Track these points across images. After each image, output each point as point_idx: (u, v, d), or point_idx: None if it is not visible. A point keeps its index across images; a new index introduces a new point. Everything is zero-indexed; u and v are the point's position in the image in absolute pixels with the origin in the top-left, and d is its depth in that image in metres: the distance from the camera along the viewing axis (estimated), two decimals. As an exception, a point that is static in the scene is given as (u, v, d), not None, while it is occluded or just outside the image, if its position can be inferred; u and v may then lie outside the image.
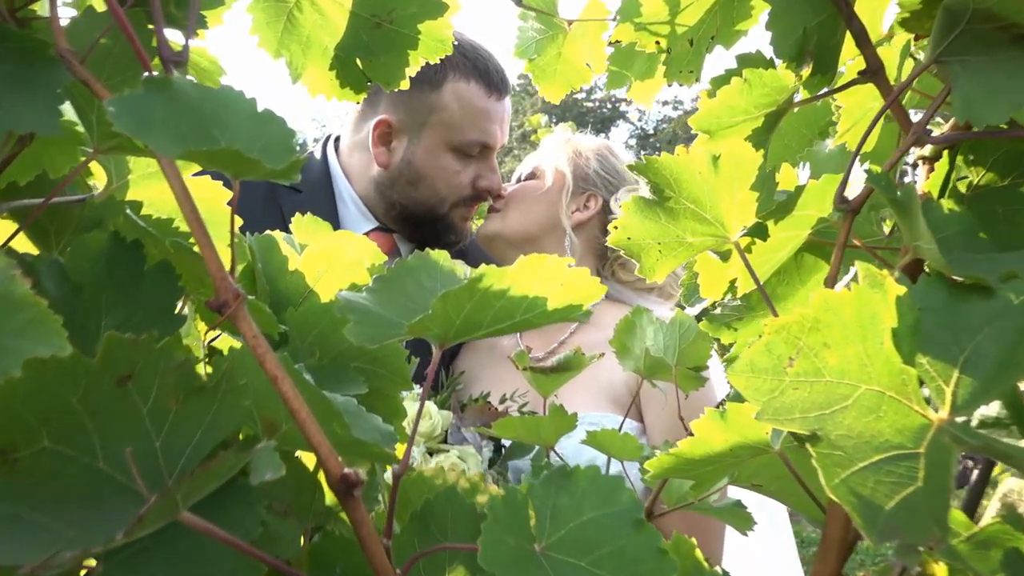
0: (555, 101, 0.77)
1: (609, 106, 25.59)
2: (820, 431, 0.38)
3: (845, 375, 0.39)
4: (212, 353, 0.62)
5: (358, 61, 0.60)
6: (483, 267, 0.42)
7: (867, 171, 0.48)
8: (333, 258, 0.63)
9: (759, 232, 0.56)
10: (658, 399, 1.09)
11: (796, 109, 0.62)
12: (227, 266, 0.65)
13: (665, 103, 26.65)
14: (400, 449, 0.64)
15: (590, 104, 25.34)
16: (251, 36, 0.61)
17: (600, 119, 24.21)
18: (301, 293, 0.61)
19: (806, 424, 0.39)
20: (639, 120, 27.31)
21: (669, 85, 0.64)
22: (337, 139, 1.60)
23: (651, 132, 25.96)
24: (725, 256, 0.58)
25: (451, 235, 1.51)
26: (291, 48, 0.60)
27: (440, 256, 0.43)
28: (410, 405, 0.72)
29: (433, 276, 0.42)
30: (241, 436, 0.40)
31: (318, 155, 1.59)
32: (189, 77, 0.38)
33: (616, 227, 0.56)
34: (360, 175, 1.51)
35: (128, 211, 0.49)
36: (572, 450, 1.08)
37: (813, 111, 0.76)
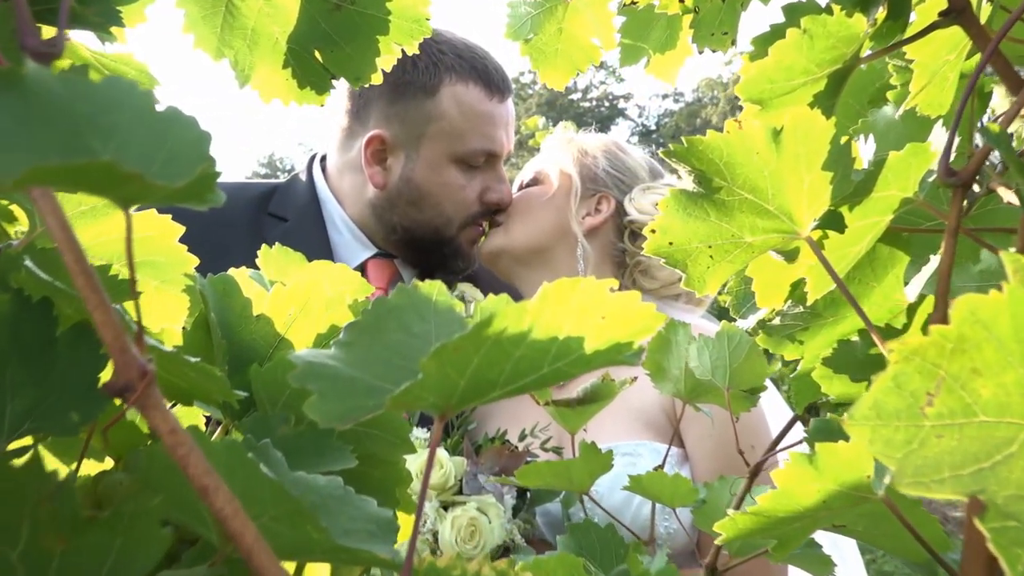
0: (559, 87, 0.67)
1: (607, 104, 25.55)
2: (983, 493, 0.28)
3: (1005, 411, 0.28)
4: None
5: (317, 54, 0.51)
6: (493, 301, 0.32)
7: (982, 130, 0.38)
8: (308, 296, 0.53)
9: (834, 223, 0.46)
10: (701, 423, 0.99)
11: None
12: (180, 320, 0.56)
13: (665, 96, 26.58)
14: (406, 525, 0.54)
15: (587, 104, 25.31)
16: (185, 35, 0.52)
17: (598, 118, 24.13)
18: (270, 343, 0.52)
19: (960, 485, 0.29)
20: (639, 116, 27.26)
21: (700, 52, 0.54)
22: (323, 158, 1.50)
23: (653, 128, 25.86)
24: (791, 256, 0.48)
25: (459, 261, 1.40)
26: (234, 45, 0.50)
27: (433, 289, 0.33)
28: (414, 459, 0.63)
29: (424, 317, 0.32)
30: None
31: (303, 178, 1.49)
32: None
33: (653, 231, 0.46)
34: (354, 198, 1.40)
35: (28, 262, 0.39)
36: (607, 485, 0.97)
37: (864, 74, 0.66)
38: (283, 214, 1.40)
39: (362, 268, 1.41)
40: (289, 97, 0.52)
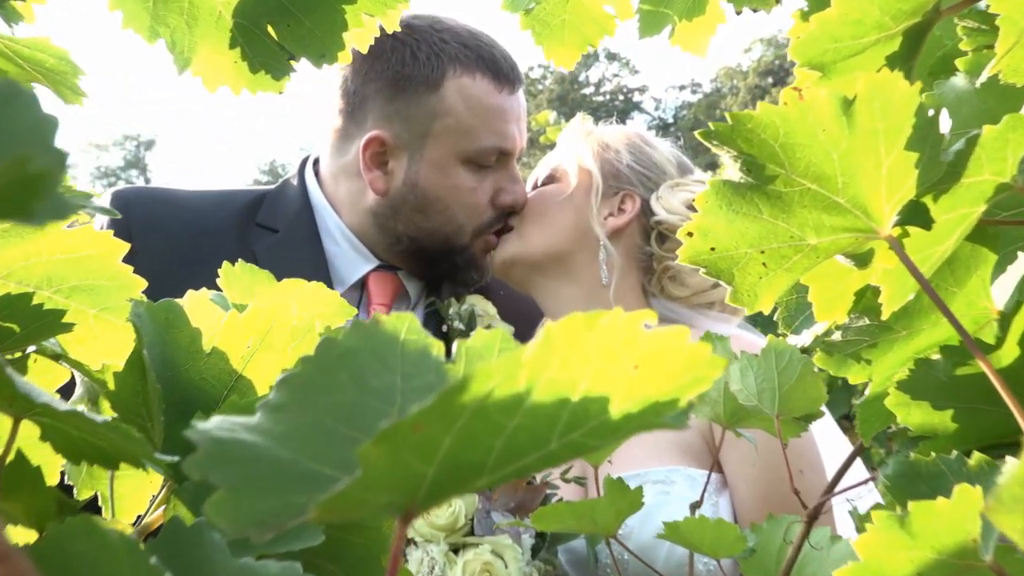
0: (568, 66, 0.58)
1: (621, 97, 25.42)
2: None
3: None
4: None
5: (270, 29, 0.43)
6: (482, 341, 0.24)
7: None
8: (270, 324, 0.45)
9: (919, 217, 0.38)
10: (743, 445, 0.90)
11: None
12: (124, 354, 0.48)
13: (682, 87, 26.41)
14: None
15: (600, 98, 25.19)
16: (112, 14, 0.44)
17: (612, 112, 24.02)
18: (224, 384, 0.44)
19: None
20: (655, 109, 27.11)
21: (739, 13, 0.45)
22: (316, 161, 1.42)
23: (671, 121, 25.69)
24: (863, 260, 0.40)
25: (472, 272, 1.31)
26: (170, 22, 0.43)
27: (401, 325, 0.25)
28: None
29: (388, 364, 0.24)
30: None
31: (295, 183, 1.41)
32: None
33: (690, 234, 0.37)
34: (351, 206, 1.31)
35: None
36: (638, 518, 0.89)
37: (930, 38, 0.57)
38: (273, 224, 1.33)
39: (363, 283, 1.33)
40: (239, 84, 0.44)
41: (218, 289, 0.53)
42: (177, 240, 1.26)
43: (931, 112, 0.40)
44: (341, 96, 1.29)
